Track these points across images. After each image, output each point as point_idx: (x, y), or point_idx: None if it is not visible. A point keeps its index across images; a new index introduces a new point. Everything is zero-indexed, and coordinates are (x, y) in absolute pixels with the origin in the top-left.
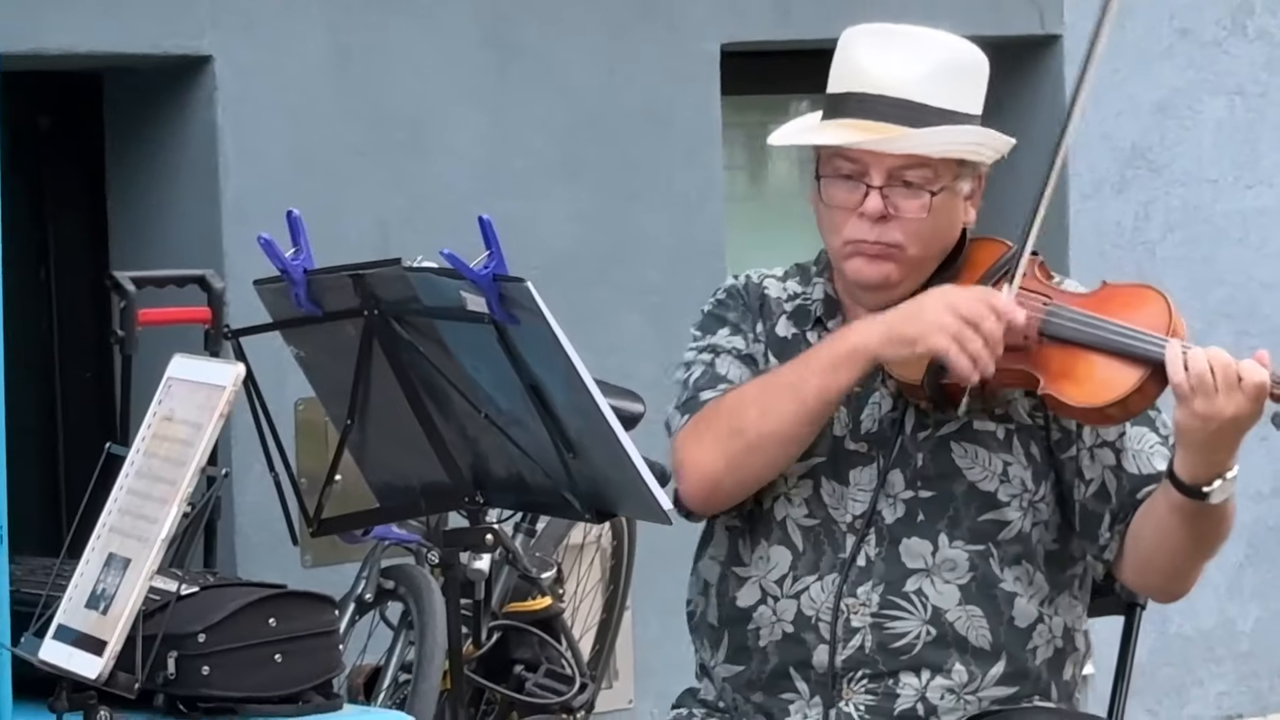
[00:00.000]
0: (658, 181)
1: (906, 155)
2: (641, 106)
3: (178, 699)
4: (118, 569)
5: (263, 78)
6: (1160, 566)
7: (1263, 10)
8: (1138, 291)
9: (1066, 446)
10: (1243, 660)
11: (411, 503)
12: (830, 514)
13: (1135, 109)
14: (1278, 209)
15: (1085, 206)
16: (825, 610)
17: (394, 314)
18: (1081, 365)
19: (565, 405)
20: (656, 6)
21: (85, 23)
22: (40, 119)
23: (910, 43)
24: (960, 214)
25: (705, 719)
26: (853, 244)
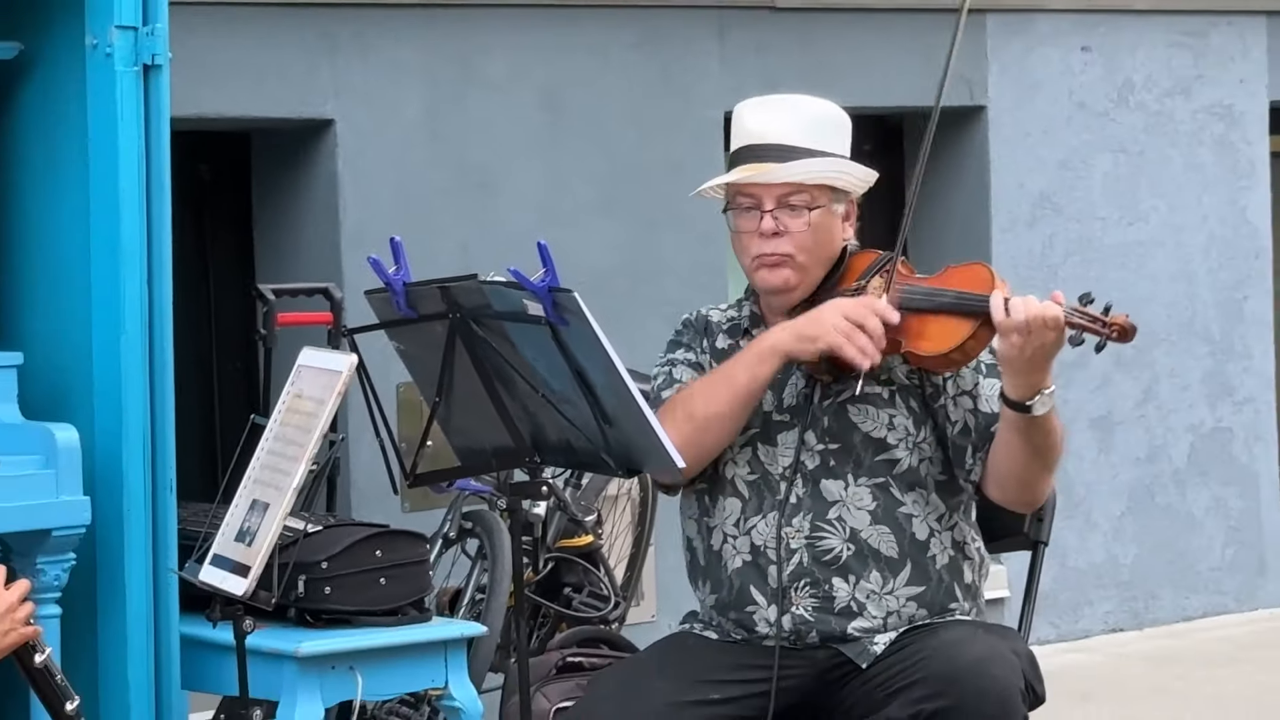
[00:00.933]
0: (674, 217)
1: (785, 183)
2: (662, 158)
3: (305, 612)
4: (259, 511)
5: (372, 136)
6: (1012, 478)
7: (1141, 88)
8: (969, 267)
9: (937, 398)
10: (1123, 587)
11: (485, 462)
12: (766, 469)
13: (1042, 164)
14: (1151, 241)
15: (1003, 238)
16: (770, 539)
17: (472, 317)
18: (930, 325)
19: (603, 387)
20: (674, 82)
21: (237, 94)
22: (202, 168)
23: (784, 104)
24: (839, 231)
25: (703, 630)
26: (757, 259)
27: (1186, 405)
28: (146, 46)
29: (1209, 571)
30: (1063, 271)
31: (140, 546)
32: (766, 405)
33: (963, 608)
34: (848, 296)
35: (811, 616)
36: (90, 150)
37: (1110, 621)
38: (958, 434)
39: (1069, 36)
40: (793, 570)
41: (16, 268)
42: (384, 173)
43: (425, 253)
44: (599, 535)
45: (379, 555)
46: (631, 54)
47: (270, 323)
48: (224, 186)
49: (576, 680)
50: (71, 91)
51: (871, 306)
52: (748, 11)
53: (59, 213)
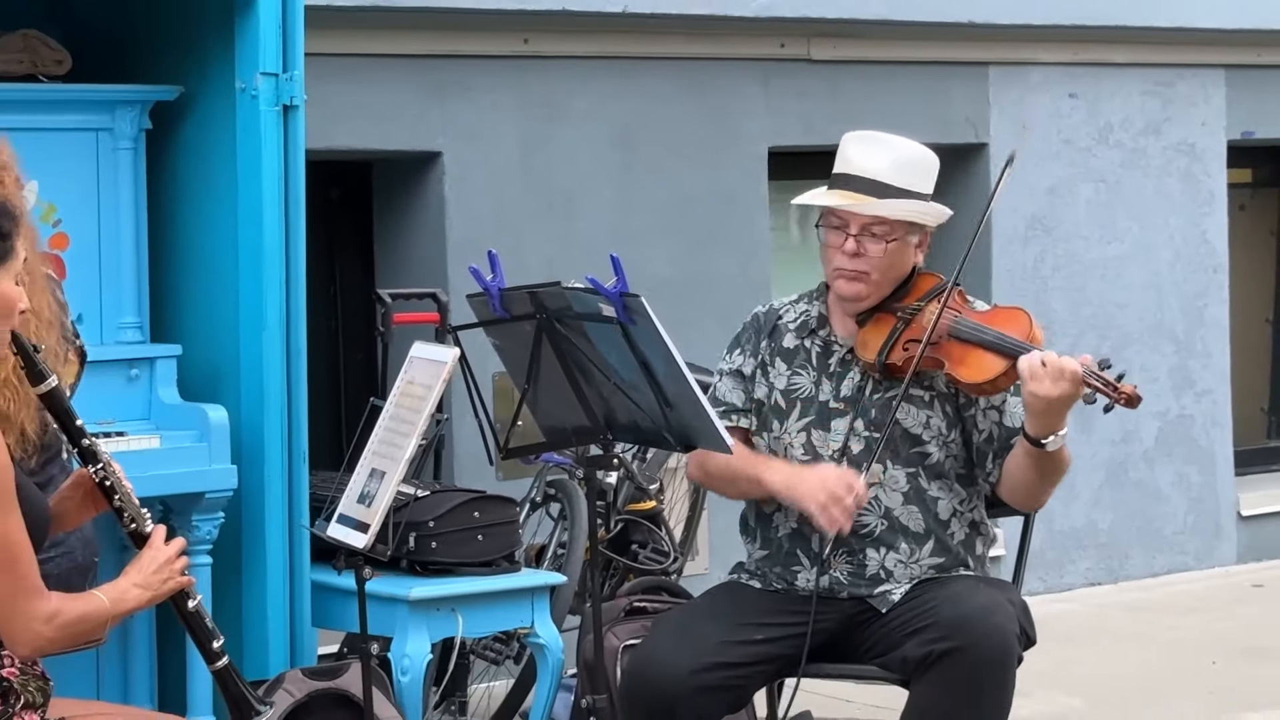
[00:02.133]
0: (726, 236)
1: (872, 216)
2: (716, 187)
3: (415, 563)
4: (377, 478)
5: (474, 167)
6: (1020, 489)
7: (1118, 129)
8: (1012, 311)
9: (968, 408)
10: (1101, 548)
11: (565, 438)
12: (817, 450)
13: (1034, 192)
14: (1126, 257)
15: (1002, 254)
16: None
17: (555, 317)
18: (971, 355)
19: (665, 377)
20: (725, 123)
21: (361, 131)
22: (331, 191)
23: (883, 143)
24: (910, 256)
25: (748, 580)
26: (837, 270)
27: (1155, 395)
28: (285, 90)
29: (1173, 535)
30: (1051, 283)
31: (278, 507)
32: (824, 395)
33: (970, 569)
34: (905, 316)
35: (845, 579)
36: (238, 177)
37: (1089, 577)
38: (983, 441)
39: (1057, 85)
40: (833, 540)
41: (177, 275)
42: (483, 197)
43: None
44: (661, 501)
45: (477, 516)
46: (689, 99)
47: (387, 321)
48: (349, 207)
49: (641, 622)
50: (223, 127)
51: (852, 486)
52: (787, 63)
53: (212, 229)
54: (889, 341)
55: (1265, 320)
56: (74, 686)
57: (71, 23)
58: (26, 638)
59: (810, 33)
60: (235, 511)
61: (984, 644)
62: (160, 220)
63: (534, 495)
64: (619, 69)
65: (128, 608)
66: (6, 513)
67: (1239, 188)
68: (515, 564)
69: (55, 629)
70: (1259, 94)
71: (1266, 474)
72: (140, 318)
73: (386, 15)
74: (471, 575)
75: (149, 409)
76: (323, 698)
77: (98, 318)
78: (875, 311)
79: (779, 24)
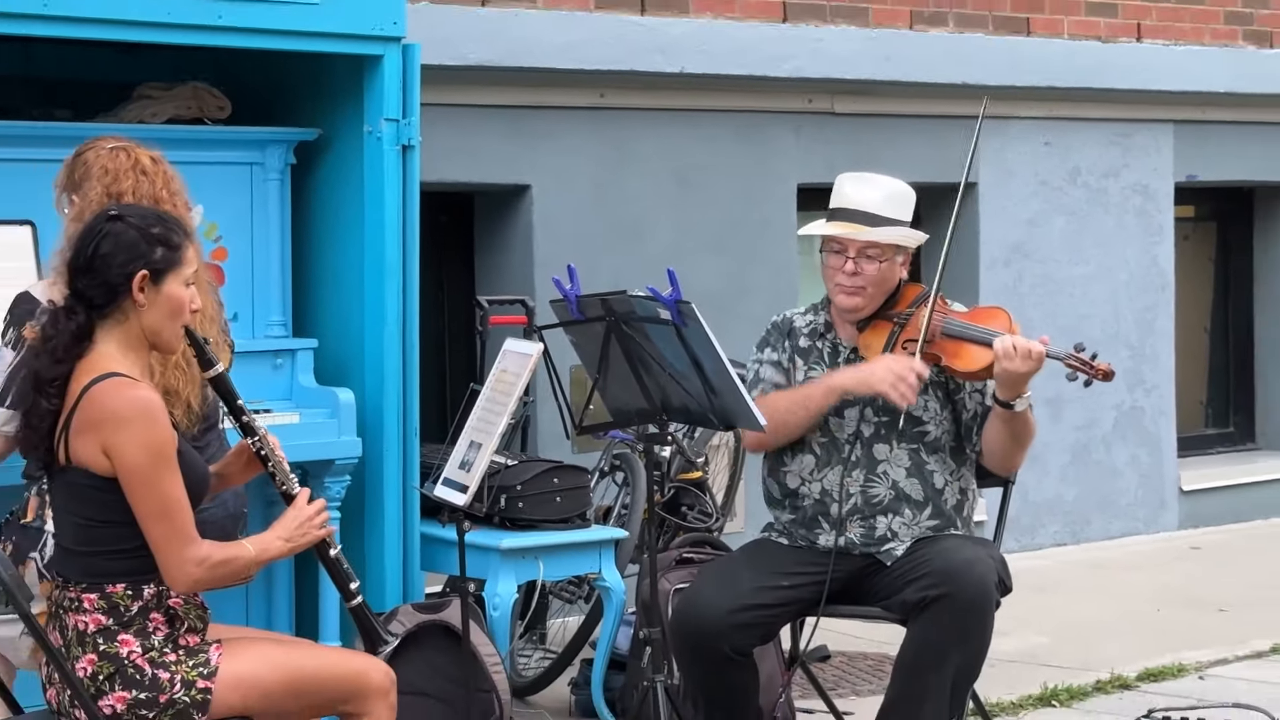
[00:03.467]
0: (763, 256)
1: (866, 241)
2: (756, 215)
3: (505, 519)
4: (475, 449)
5: (556, 197)
6: (997, 453)
7: (1085, 172)
8: (993, 310)
9: (957, 392)
10: (1066, 515)
11: (629, 418)
12: (834, 434)
13: (1015, 223)
14: (1090, 277)
15: (987, 275)
16: (835, 486)
17: (622, 319)
18: (963, 349)
19: (711, 370)
20: (764, 163)
21: (465, 168)
22: (440, 216)
23: (871, 182)
24: (897, 272)
25: (777, 538)
26: (839, 286)
27: (1113, 390)
28: (404, 133)
29: (1126, 506)
30: (1028, 299)
31: (394, 472)
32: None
33: (959, 529)
34: (900, 321)
35: (859, 540)
36: (365, 203)
37: (1057, 539)
38: (969, 418)
39: (1035, 135)
40: (849, 507)
41: (314, 282)
42: (563, 222)
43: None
44: (705, 472)
45: (556, 482)
46: (735, 144)
47: (485, 322)
48: (454, 230)
49: (689, 570)
50: (353, 163)
51: (911, 365)
52: (815, 115)
53: (343, 245)
54: (889, 342)
55: (1204, 330)
56: (228, 615)
57: (232, 76)
58: (181, 575)
59: (834, 91)
60: (359, 475)
61: (969, 590)
62: (301, 237)
63: (602, 465)
64: (677, 118)
65: (271, 555)
66: (167, 473)
67: (1184, 221)
68: (586, 521)
69: (204, 570)
70: (1201, 145)
71: (1204, 456)
72: (284, 317)
73: (486, 73)
74: (550, 530)
75: (290, 391)
76: (428, 628)
77: (250, 317)
78: (873, 319)
79: (808, 83)
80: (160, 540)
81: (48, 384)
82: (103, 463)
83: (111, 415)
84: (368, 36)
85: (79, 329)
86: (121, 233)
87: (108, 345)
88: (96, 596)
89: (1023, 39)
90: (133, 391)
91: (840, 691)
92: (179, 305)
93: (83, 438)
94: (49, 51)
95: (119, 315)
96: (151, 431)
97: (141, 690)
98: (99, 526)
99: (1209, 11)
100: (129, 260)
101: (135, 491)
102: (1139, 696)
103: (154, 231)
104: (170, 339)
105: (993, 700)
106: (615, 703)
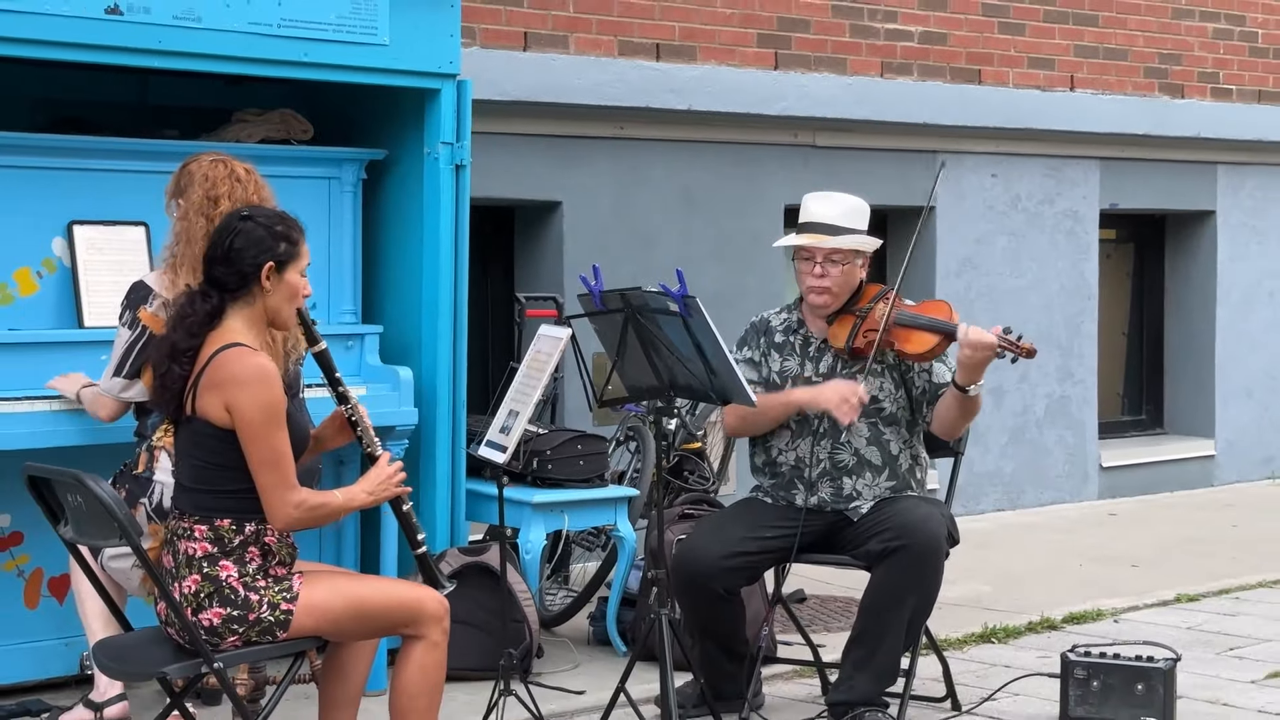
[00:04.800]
0: (755, 264)
1: (830, 249)
2: (749, 230)
3: (536, 478)
4: (513, 417)
5: (582, 210)
6: (946, 424)
7: (1024, 198)
8: (938, 303)
9: (907, 372)
10: (1005, 485)
11: (641, 395)
12: (807, 414)
13: (965, 240)
14: (1028, 288)
15: (942, 284)
16: (805, 454)
17: (637, 311)
18: (913, 336)
19: (711, 354)
20: (756, 185)
21: (507, 185)
22: (486, 226)
23: (833, 198)
24: (858, 274)
25: (762, 497)
26: (809, 287)
27: (1045, 382)
28: (458, 154)
29: (1055, 478)
30: (976, 305)
31: (445, 437)
32: (808, 373)
33: (914, 490)
34: (861, 314)
35: (829, 499)
36: (423, 213)
37: (996, 505)
38: (918, 394)
39: (984, 168)
40: (819, 471)
41: (380, 278)
42: (588, 233)
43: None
44: (705, 443)
45: (579, 448)
46: (733, 170)
47: (522, 315)
48: (498, 237)
49: (689, 524)
50: (414, 179)
51: (856, 391)
52: (799, 148)
53: (405, 248)
54: (852, 333)
55: (1122, 333)
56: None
57: (315, 105)
58: (282, 515)
59: (816, 128)
60: (416, 440)
61: (923, 542)
62: (370, 240)
63: (618, 435)
64: (685, 148)
65: (356, 505)
66: (277, 429)
67: (1107, 242)
68: (605, 481)
69: (301, 512)
70: (1122, 178)
71: (1120, 439)
72: (355, 306)
73: (527, 107)
74: (574, 488)
75: (359, 369)
76: (471, 568)
77: (326, 306)
78: (838, 314)
79: (794, 120)
80: (267, 485)
81: (183, 353)
82: (223, 416)
83: (233, 377)
84: (428, 73)
85: (213, 309)
86: (252, 230)
87: (234, 321)
88: (206, 528)
89: (975, 87)
90: (253, 359)
91: (814, 628)
92: (295, 290)
93: (208, 395)
94: (163, 82)
95: (247, 298)
96: (267, 393)
97: (234, 608)
98: (213, 469)
99: (1131, 67)
100: (259, 253)
101: (249, 442)
102: (1064, 636)
103: (278, 229)
104: (286, 318)
105: (941, 637)
106: (626, 633)
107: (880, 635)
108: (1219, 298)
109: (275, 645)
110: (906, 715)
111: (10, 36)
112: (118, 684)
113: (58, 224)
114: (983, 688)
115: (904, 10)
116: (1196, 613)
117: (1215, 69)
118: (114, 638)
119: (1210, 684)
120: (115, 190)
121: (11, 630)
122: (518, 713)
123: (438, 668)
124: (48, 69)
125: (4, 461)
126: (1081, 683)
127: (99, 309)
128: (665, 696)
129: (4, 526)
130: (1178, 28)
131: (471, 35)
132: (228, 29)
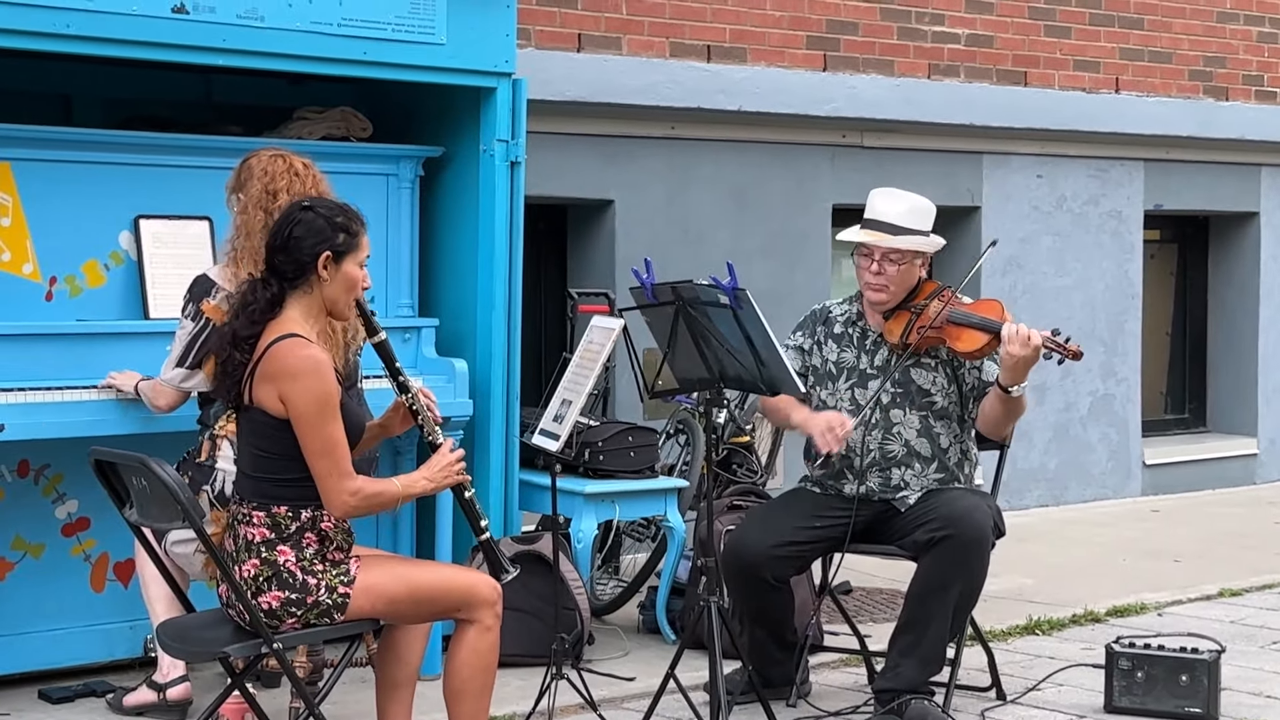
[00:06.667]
0: (803, 261)
1: (889, 248)
2: (796, 228)
3: (588, 469)
4: (566, 406)
5: (634, 209)
6: (991, 423)
7: (1069, 199)
8: (991, 302)
9: (959, 368)
10: (1049, 481)
11: (691, 387)
12: (858, 401)
13: (1011, 239)
14: (1073, 287)
15: (988, 283)
16: (857, 443)
17: (689, 303)
18: (964, 333)
19: (761, 345)
20: (805, 186)
21: (561, 183)
22: (540, 224)
23: (898, 196)
24: (917, 273)
25: (810, 487)
26: (867, 284)
27: (1089, 380)
28: (513, 152)
29: (1098, 475)
30: (1020, 303)
31: (499, 428)
32: (863, 365)
33: (961, 484)
34: (916, 311)
35: (877, 488)
36: (479, 209)
37: (1040, 501)
38: (968, 390)
39: (1030, 169)
40: (869, 461)
41: (437, 272)
42: (641, 229)
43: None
44: (753, 436)
45: (630, 440)
46: (781, 169)
47: (574, 310)
48: (551, 234)
49: (738, 515)
50: (470, 175)
51: (843, 423)
52: (848, 148)
53: (461, 243)
54: (906, 328)
55: (1165, 333)
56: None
57: (374, 103)
58: (338, 503)
59: (863, 128)
60: (470, 431)
61: (970, 532)
62: (427, 235)
63: (668, 427)
64: (734, 148)
65: (416, 493)
66: (332, 418)
67: (1151, 243)
68: (655, 473)
69: (357, 499)
70: (1166, 179)
71: (1163, 436)
72: (412, 300)
73: (580, 107)
74: (625, 479)
75: (416, 360)
76: (524, 556)
77: (384, 299)
78: (895, 310)
79: (843, 121)
80: (322, 473)
81: (243, 340)
82: (278, 406)
83: (286, 369)
84: (485, 72)
85: (273, 297)
86: (311, 220)
87: (293, 311)
88: (264, 514)
89: (1021, 89)
90: (306, 350)
91: (860, 619)
92: (353, 281)
93: (264, 385)
94: (227, 81)
95: (306, 287)
96: (319, 384)
97: (293, 591)
98: (270, 458)
99: (1176, 70)
100: (317, 243)
101: (303, 432)
102: (1107, 628)
103: (337, 220)
104: (344, 308)
105: (986, 629)
106: (675, 621)
107: (926, 623)
108: (1262, 298)
109: (333, 627)
110: (952, 704)
111: (83, 35)
112: (180, 666)
113: (124, 218)
114: (1027, 678)
115: (951, 13)
116: (1240, 607)
117: (1260, 72)
118: (177, 619)
119: (1254, 676)
120: (180, 185)
121: (78, 613)
122: (569, 698)
123: (491, 651)
124: (119, 69)
125: (72, 448)
126: (1126, 673)
127: (164, 301)
128: (714, 683)
129: (72, 512)
130: (1222, 31)
131: (527, 37)
132: (290, 28)
